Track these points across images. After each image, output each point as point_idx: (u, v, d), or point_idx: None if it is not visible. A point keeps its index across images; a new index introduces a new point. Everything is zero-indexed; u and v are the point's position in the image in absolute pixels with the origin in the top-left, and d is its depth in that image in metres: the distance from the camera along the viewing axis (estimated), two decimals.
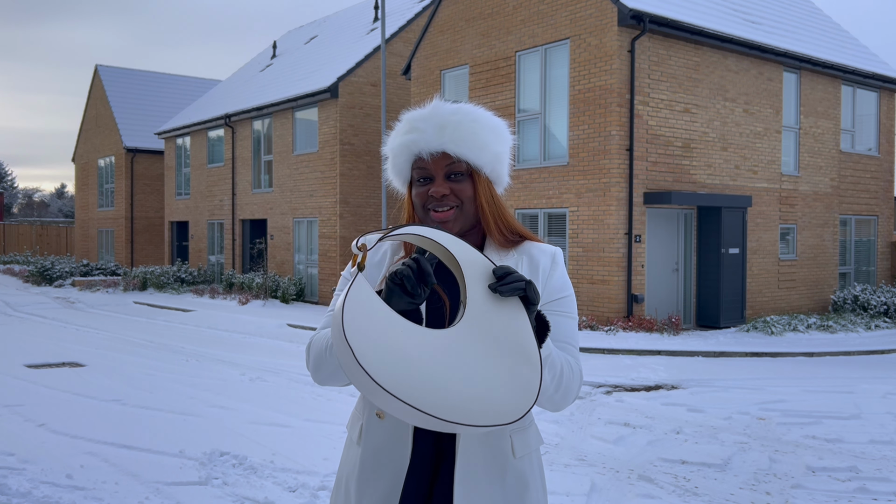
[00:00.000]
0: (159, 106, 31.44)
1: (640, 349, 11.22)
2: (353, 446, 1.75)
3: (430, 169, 1.66)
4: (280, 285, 18.74)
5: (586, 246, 13.31)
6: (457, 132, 1.65)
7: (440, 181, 1.66)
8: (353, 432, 1.76)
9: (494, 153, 1.69)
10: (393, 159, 1.73)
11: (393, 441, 1.64)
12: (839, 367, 10.29)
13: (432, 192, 1.65)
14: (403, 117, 1.73)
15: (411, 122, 1.69)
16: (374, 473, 1.65)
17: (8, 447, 5.79)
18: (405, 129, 1.70)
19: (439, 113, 1.67)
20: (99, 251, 31.32)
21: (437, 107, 1.69)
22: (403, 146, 1.68)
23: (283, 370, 9.62)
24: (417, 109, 1.71)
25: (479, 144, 1.66)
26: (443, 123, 1.65)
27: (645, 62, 13.12)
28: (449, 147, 1.65)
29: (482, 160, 1.67)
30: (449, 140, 1.64)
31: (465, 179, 1.67)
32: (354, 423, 1.77)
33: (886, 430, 6.64)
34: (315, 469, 5.30)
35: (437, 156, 1.65)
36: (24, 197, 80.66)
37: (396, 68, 19.54)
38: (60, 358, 10.33)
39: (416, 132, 1.66)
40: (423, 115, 1.68)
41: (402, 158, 1.70)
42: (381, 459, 1.65)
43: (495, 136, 1.70)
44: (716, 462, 5.62)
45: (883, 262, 17.99)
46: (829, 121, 16.48)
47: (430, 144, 1.65)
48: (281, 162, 20.49)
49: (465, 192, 1.66)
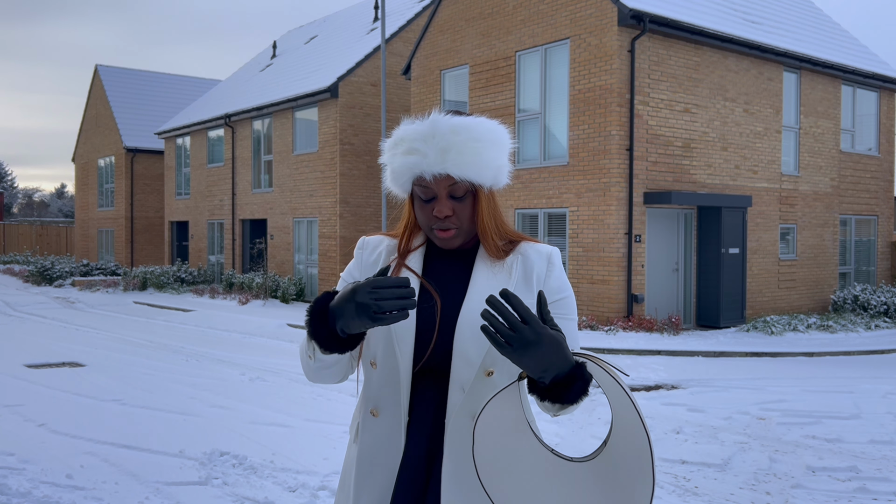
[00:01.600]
0: (159, 106, 31.44)
1: (640, 349, 11.22)
2: (352, 445, 1.78)
3: (432, 188, 1.65)
4: (280, 285, 18.74)
5: (586, 246, 13.31)
6: (460, 156, 1.62)
7: (443, 200, 1.65)
8: (352, 432, 1.79)
9: (496, 167, 1.68)
10: (393, 174, 1.71)
11: (386, 438, 1.66)
12: (839, 367, 10.29)
13: (436, 212, 1.64)
14: (401, 134, 1.67)
15: (411, 142, 1.64)
16: (370, 470, 1.67)
17: (8, 447, 5.79)
18: (405, 149, 1.65)
19: (440, 132, 1.62)
20: (99, 251, 31.33)
21: (435, 124, 1.63)
22: (405, 167, 1.66)
23: (283, 370, 9.62)
24: (415, 124, 1.66)
25: (482, 164, 1.65)
26: (445, 147, 1.62)
27: (645, 62, 13.12)
28: (452, 171, 1.63)
29: (484, 178, 1.66)
30: (452, 164, 1.62)
31: (467, 197, 1.67)
32: (354, 422, 1.80)
33: (886, 430, 6.64)
34: (315, 469, 5.30)
35: (441, 177, 1.64)
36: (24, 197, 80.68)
37: (396, 68, 19.54)
38: (60, 358, 10.33)
39: (418, 154, 1.63)
40: (423, 135, 1.63)
41: (404, 178, 1.69)
42: (377, 456, 1.67)
43: (497, 150, 1.68)
44: (716, 462, 5.62)
45: (883, 262, 17.99)
46: (829, 121, 16.48)
47: (432, 168, 1.62)
48: (281, 162, 20.49)
49: (466, 211, 1.67)
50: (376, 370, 1.67)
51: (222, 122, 22.56)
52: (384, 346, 1.65)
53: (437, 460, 1.64)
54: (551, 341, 1.44)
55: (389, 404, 1.65)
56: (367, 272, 1.77)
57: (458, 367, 1.60)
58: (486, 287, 1.65)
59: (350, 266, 1.82)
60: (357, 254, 1.82)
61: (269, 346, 11.94)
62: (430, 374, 1.64)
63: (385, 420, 1.66)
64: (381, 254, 1.78)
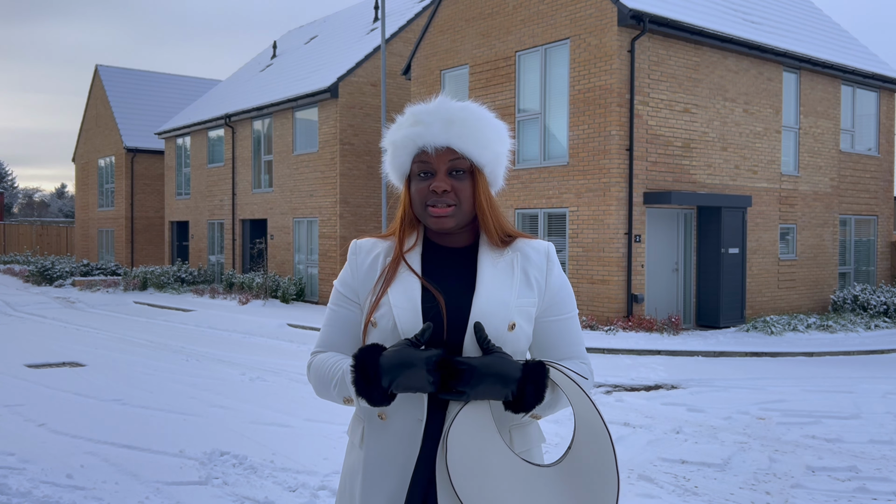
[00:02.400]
0: (159, 106, 31.44)
1: (640, 349, 11.22)
2: (355, 450, 1.73)
3: (432, 163, 1.66)
4: (280, 285, 18.75)
5: (586, 246, 13.32)
6: (464, 128, 1.66)
7: (442, 176, 1.65)
8: (355, 436, 1.74)
9: (496, 153, 1.71)
10: (393, 151, 1.72)
11: (398, 442, 1.63)
12: (839, 367, 10.29)
13: (433, 186, 1.64)
14: (408, 110, 1.73)
15: (416, 115, 1.69)
16: (379, 475, 1.64)
17: (8, 447, 5.79)
18: (410, 121, 1.70)
19: (446, 108, 1.68)
20: (99, 251, 31.33)
21: (443, 102, 1.70)
22: (408, 139, 1.68)
23: (283, 370, 9.62)
24: (422, 104, 1.71)
25: (483, 142, 1.68)
26: (450, 118, 1.66)
27: (645, 62, 13.13)
28: (454, 142, 1.65)
29: (484, 158, 1.68)
30: (455, 136, 1.65)
31: (465, 177, 1.67)
32: (356, 426, 1.75)
33: (886, 430, 6.64)
34: (315, 469, 5.31)
35: (442, 150, 1.66)
36: (24, 197, 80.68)
37: (396, 68, 19.54)
38: (61, 358, 10.34)
39: (422, 125, 1.66)
40: (430, 110, 1.69)
41: (405, 151, 1.69)
42: (386, 462, 1.63)
43: (498, 136, 1.72)
44: (715, 462, 5.62)
45: (883, 262, 17.99)
46: (828, 121, 16.48)
47: (436, 139, 1.65)
48: (281, 162, 20.49)
49: (464, 190, 1.67)
50: None
51: (222, 122, 22.56)
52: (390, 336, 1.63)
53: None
54: (491, 373, 1.52)
55: (402, 408, 1.62)
56: (363, 278, 1.74)
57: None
58: (493, 283, 1.67)
59: (344, 274, 1.78)
60: (351, 259, 1.79)
61: (269, 346, 11.94)
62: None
63: (396, 424, 1.63)
64: (379, 257, 1.75)
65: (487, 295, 1.64)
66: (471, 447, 1.55)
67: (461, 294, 1.66)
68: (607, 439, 1.54)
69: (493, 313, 1.62)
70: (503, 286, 1.66)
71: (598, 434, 1.55)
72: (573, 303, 1.77)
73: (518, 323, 1.65)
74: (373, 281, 1.72)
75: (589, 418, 1.56)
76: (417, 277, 1.68)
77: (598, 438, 1.55)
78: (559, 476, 1.57)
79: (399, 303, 1.64)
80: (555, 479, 1.57)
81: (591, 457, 1.55)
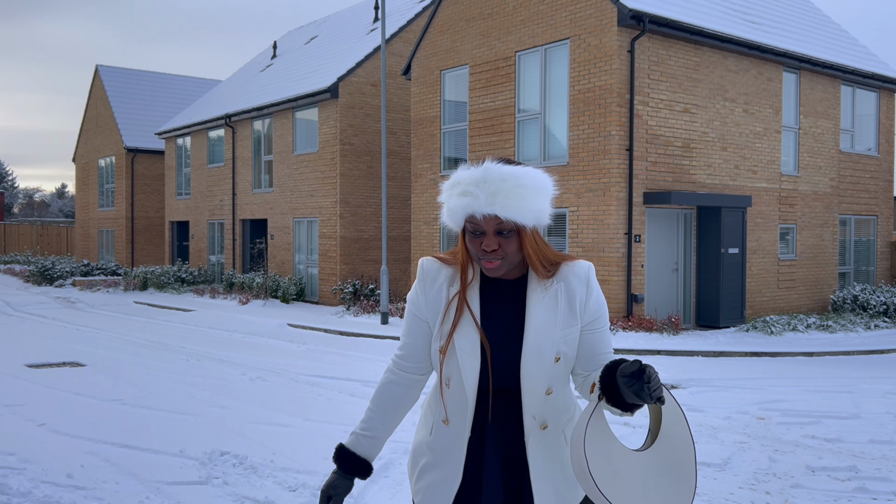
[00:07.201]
0: (159, 106, 31.45)
1: (640, 349, 11.22)
2: (425, 433, 2.10)
3: (481, 225, 1.93)
4: (280, 285, 18.76)
5: (586, 246, 13.32)
6: (507, 199, 1.89)
7: (490, 236, 1.93)
8: (426, 425, 2.11)
9: (538, 210, 1.95)
10: (448, 211, 1.99)
11: (452, 443, 2.02)
12: (839, 367, 10.30)
13: (484, 245, 1.93)
14: (457, 178, 1.97)
15: (465, 186, 1.93)
16: (436, 464, 2.05)
17: (8, 447, 5.79)
18: (460, 191, 1.94)
19: (491, 179, 1.90)
20: (99, 251, 31.34)
21: (487, 171, 1.91)
22: (460, 207, 1.95)
23: (283, 370, 9.63)
24: (470, 170, 1.94)
25: (525, 208, 1.91)
26: (494, 191, 1.89)
27: (645, 62, 13.13)
28: (499, 212, 1.90)
29: (527, 220, 1.92)
30: (500, 207, 1.89)
31: (512, 235, 1.94)
32: (428, 415, 2.11)
33: (886, 430, 6.64)
34: (315, 469, 5.31)
35: (490, 217, 1.92)
36: (24, 197, 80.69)
37: (396, 68, 19.54)
38: (61, 358, 10.35)
39: (471, 196, 1.92)
40: (476, 180, 1.91)
41: (458, 214, 1.96)
42: (443, 455, 2.04)
43: (541, 196, 1.95)
44: (715, 462, 5.63)
45: (882, 262, 17.99)
46: (828, 121, 16.48)
47: (482, 209, 1.90)
48: (281, 162, 20.50)
49: (510, 245, 1.94)
50: (450, 390, 2.01)
51: (223, 122, 22.57)
52: (455, 374, 1.99)
53: (514, 462, 1.99)
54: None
55: (457, 417, 2.01)
56: (431, 303, 2.05)
57: (527, 391, 1.95)
58: (541, 321, 1.97)
59: (415, 292, 2.09)
60: (420, 280, 2.09)
61: (269, 346, 11.95)
62: (501, 392, 1.99)
63: (453, 429, 2.03)
64: (443, 286, 2.04)
65: (536, 333, 1.95)
66: (601, 451, 1.80)
67: (511, 321, 2.00)
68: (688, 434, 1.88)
69: (542, 349, 1.94)
70: (549, 323, 1.96)
71: (682, 433, 1.87)
72: (607, 315, 2.07)
73: (563, 352, 1.97)
74: (438, 307, 2.03)
75: (675, 420, 1.86)
76: (477, 328, 1.98)
77: (681, 436, 1.87)
78: (658, 456, 1.86)
79: (465, 362, 1.97)
80: (655, 458, 1.86)
81: (678, 445, 1.87)
